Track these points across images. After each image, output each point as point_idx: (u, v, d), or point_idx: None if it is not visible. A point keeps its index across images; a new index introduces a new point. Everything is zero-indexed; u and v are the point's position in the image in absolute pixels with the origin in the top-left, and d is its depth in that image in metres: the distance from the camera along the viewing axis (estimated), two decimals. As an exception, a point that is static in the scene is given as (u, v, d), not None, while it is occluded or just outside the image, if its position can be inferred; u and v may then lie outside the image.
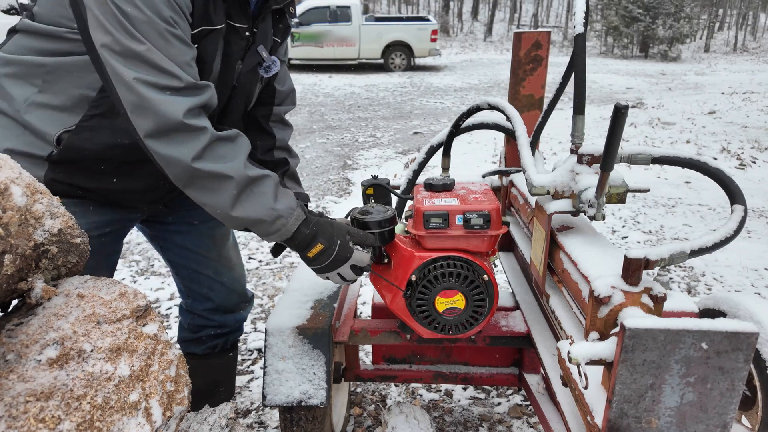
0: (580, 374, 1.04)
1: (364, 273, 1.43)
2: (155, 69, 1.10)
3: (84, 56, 1.18)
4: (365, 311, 2.77)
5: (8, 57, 1.24)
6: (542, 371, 1.76)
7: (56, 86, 1.24)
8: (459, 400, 2.21)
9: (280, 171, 1.62)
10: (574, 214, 1.36)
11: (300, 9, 13.92)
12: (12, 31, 1.29)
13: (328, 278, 1.41)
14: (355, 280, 1.42)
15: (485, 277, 1.37)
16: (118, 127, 1.23)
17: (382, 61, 15.08)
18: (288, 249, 1.40)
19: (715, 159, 5.29)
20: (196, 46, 1.21)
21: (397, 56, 15.05)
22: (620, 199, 1.28)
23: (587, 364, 0.98)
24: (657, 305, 1.05)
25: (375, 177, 1.56)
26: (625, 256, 1.05)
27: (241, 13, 1.29)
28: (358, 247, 1.38)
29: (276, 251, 1.46)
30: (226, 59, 1.34)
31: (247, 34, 1.34)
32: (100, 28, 1.07)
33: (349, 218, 1.47)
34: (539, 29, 1.56)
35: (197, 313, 1.80)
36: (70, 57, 1.22)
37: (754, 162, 5.91)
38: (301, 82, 12.49)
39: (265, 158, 1.60)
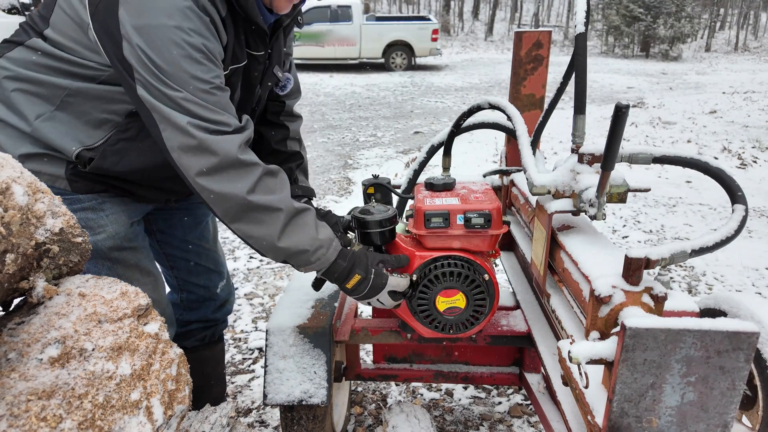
0: (580, 373, 1.04)
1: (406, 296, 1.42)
2: (205, 115, 1.14)
3: (112, 87, 1.21)
4: (366, 310, 2.77)
5: (21, 72, 1.23)
6: (543, 370, 1.76)
7: (77, 108, 1.24)
8: (459, 400, 2.21)
9: (295, 164, 1.65)
10: (575, 213, 1.36)
11: None
12: (10, 42, 1.27)
13: (369, 304, 1.43)
14: (397, 305, 1.43)
15: (486, 276, 1.37)
16: (147, 150, 1.26)
17: (383, 60, 15.07)
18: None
19: (716, 158, 5.29)
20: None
21: (398, 56, 15.03)
22: (621, 198, 1.28)
23: (588, 363, 0.98)
24: (658, 305, 1.05)
25: (376, 176, 1.56)
26: (626, 256, 1.05)
27: (259, 41, 1.32)
28: (395, 274, 1.38)
29: (317, 285, 1.48)
30: (246, 87, 1.37)
31: (266, 59, 1.38)
32: (157, 82, 1.11)
33: (350, 217, 1.47)
34: (540, 29, 1.57)
35: (191, 306, 1.81)
36: (94, 84, 1.22)
37: (755, 161, 5.90)
38: (302, 81, 12.44)
39: (279, 148, 1.62)
